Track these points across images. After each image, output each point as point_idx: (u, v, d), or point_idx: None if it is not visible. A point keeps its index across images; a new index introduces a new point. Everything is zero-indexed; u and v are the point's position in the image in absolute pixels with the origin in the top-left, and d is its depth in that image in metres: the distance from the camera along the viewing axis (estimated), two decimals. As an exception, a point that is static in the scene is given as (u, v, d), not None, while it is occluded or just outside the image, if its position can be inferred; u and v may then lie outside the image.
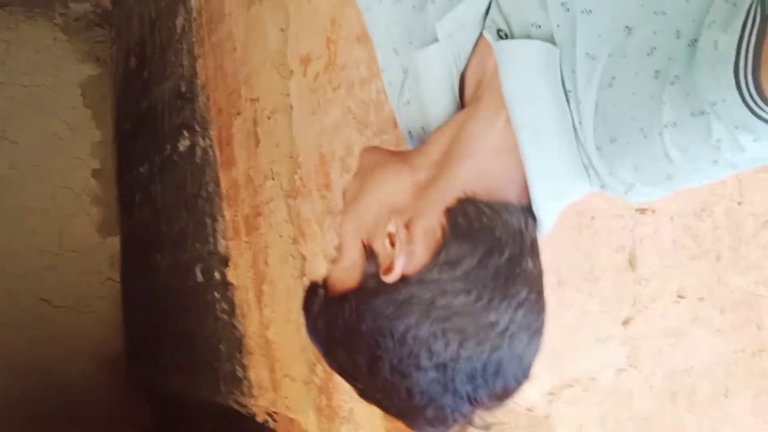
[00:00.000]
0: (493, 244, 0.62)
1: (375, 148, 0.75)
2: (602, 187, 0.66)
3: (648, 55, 0.59)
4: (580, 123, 0.64)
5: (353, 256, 0.65)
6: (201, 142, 2.15)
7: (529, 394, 1.26)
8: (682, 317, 1.44)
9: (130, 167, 2.72)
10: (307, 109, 1.68)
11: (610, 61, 0.61)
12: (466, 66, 0.74)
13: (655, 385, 1.39)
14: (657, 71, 0.58)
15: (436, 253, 0.61)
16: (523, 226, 0.64)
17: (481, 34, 0.72)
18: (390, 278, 0.60)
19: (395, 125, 1.53)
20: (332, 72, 1.59)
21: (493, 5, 0.70)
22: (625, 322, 1.40)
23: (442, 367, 0.59)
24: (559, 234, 1.32)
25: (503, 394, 0.61)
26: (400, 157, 0.72)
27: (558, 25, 0.64)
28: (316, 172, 1.66)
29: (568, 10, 0.63)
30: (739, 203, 1.58)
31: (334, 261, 0.66)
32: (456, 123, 0.71)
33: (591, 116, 0.63)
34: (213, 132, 2.09)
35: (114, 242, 2.86)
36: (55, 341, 2.62)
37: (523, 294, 0.61)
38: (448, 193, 0.64)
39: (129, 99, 2.71)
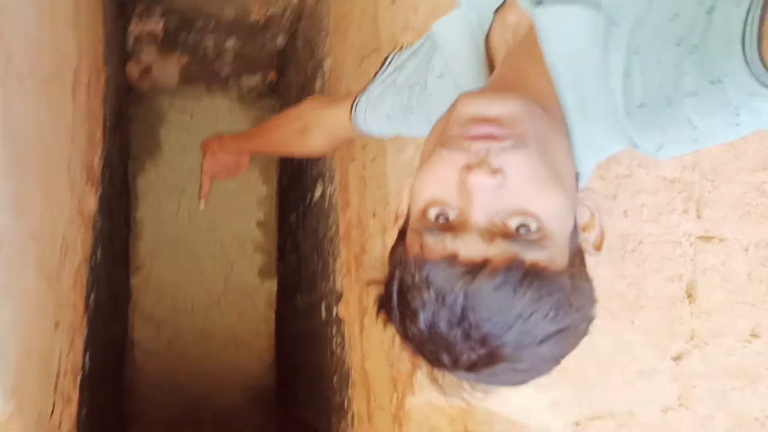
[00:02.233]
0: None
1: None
2: (635, 146, 0.69)
3: (671, 21, 0.61)
4: (612, 90, 0.66)
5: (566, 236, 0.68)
6: (329, 188, 2.33)
7: (552, 424, 1.20)
8: (755, 359, 1.28)
9: (286, 217, 3.00)
10: (395, 147, 1.77)
11: (636, 28, 0.63)
12: (490, 29, 0.78)
13: (715, 430, 1.24)
14: (680, 39, 0.59)
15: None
16: None
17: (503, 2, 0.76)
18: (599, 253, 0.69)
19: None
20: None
21: None
22: (677, 357, 1.28)
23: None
24: (596, 258, 1.25)
25: None
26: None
27: None
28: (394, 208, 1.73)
29: None
30: (842, 231, 1.38)
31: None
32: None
33: (621, 82, 0.65)
34: (337, 178, 2.26)
35: (271, 285, 3.14)
36: (213, 373, 2.92)
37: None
38: (566, 173, 0.68)
39: (287, 157, 3.01)
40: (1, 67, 1.04)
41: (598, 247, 0.68)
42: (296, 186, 2.82)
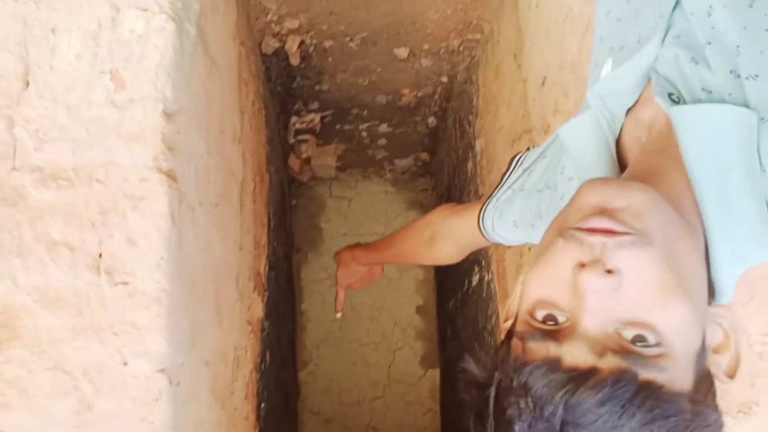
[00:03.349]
0: None
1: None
2: None
3: None
4: (763, 189, 0.61)
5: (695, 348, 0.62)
6: (486, 276, 2.25)
7: None
8: None
9: (445, 303, 2.94)
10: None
11: None
12: (621, 129, 0.75)
13: None
14: None
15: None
16: None
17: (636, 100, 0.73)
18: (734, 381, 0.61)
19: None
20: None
21: (651, 71, 0.70)
22: None
23: None
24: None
25: None
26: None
27: (729, 93, 0.63)
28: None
29: (738, 76, 0.63)
30: None
31: None
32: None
33: None
34: (494, 266, 2.18)
35: (434, 374, 3.06)
36: (381, 468, 2.87)
37: None
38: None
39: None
40: (174, 208, 1.07)
41: (732, 375, 0.58)
42: (453, 271, 2.76)
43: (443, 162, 3.02)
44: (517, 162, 1.08)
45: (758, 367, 0.95)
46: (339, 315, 1.73)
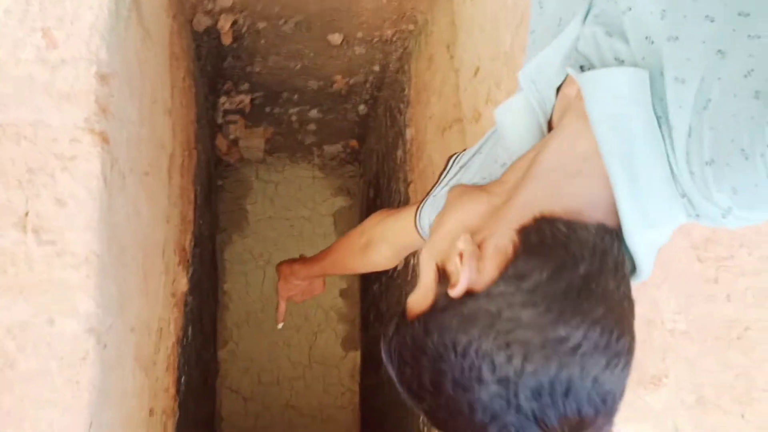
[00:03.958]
0: (566, 259, 0.60)
1: (460, 186, 0.81)
2: (697, 216, 0.65)
3: (745, 77, 0.58)
4: (673, 150, 0.63)
5: (427, 280, 0.67)
6: (412, 260, 2.30)
7: None
8: None
9: (369, 286, 2.98)
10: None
11: (704, 84, 0.60)
12: (551, 113, 0.77)
13: None
14: (757, 92, 0.57)
15: (505, 268, 0.61)
16: (607, 246, 0.63)
17: (563, 81, 0.76)
18: (455, 292, 0.62)
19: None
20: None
21: (573, 51, 0.73)
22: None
23: (504, 381, 0.58)
24: (699, 347, 1.17)
25: (579, 423, 0.57)
26: (481, 187, 0.76)
27: (643, 58, 0.66)
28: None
29: (652, 42, 0.65)
30: None
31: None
32: (534, 149, 0.73)
33: (684, 141, 0.61)
34: (420, 250, 2.23)
35: (355, 356, 3.11)
36: (299, 448, 2.90)
37: (599, 312, 0.59)
38: (523, 213, 0.65)
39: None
40: (106, 171, 1.07)
41: (450, 287, 0.64)
42: (379, 255, 2.81)
43: (372, 149, 3.06)
44: (454, 160, 1.10)
45: (668, 343, 1.03)
46: (280, 326, 1.76)
